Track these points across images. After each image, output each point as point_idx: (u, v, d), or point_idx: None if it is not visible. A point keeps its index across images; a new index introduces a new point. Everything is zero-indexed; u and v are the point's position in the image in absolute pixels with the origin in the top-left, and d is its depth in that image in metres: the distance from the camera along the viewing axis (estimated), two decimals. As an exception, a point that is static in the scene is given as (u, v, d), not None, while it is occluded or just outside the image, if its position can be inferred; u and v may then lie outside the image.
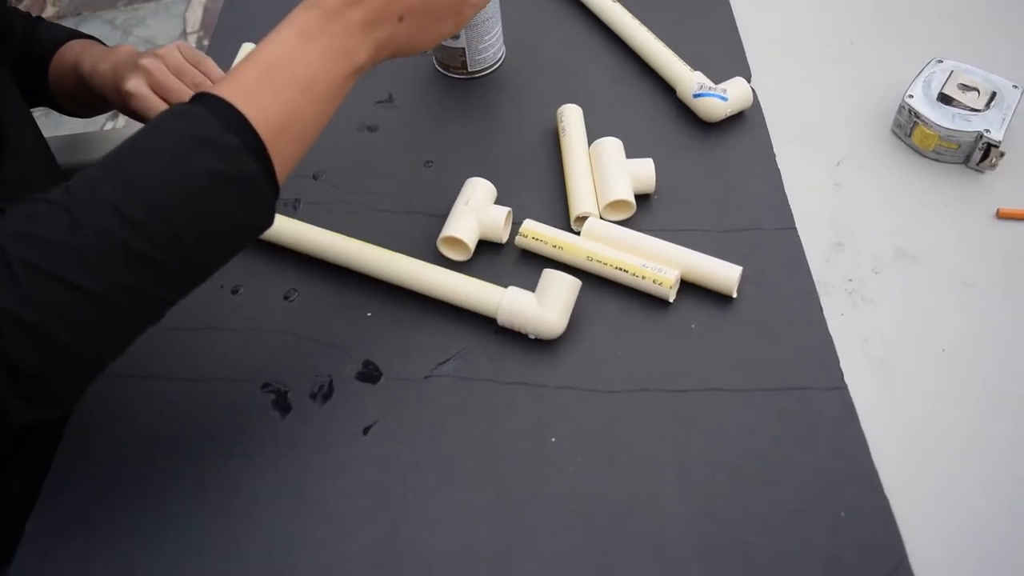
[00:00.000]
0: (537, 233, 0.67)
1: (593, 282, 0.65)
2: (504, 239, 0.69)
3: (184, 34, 2.16)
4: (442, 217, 0.70)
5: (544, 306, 0.61)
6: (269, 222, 0.50)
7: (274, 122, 0.49)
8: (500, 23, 0.82)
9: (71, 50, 0.79)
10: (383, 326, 0.65)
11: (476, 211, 0.68)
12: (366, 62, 0.54)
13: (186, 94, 0.71)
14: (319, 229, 0.69)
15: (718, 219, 0.69)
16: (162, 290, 0.47)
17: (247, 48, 0.86)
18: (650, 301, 0.64)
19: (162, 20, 2.21)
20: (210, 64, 0.75)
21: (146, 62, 0.70)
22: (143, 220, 0.44)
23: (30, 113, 0.76)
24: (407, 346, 0.64)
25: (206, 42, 1.54)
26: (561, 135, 0.75)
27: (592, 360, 0.62)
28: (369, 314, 0.66)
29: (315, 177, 0.76)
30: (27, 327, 0.42)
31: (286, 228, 0.69)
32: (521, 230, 0.67)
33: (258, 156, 0.48)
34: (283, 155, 0.50)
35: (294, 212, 0.73)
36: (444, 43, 0.81)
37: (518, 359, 0.62)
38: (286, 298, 0.68)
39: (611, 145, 0.71)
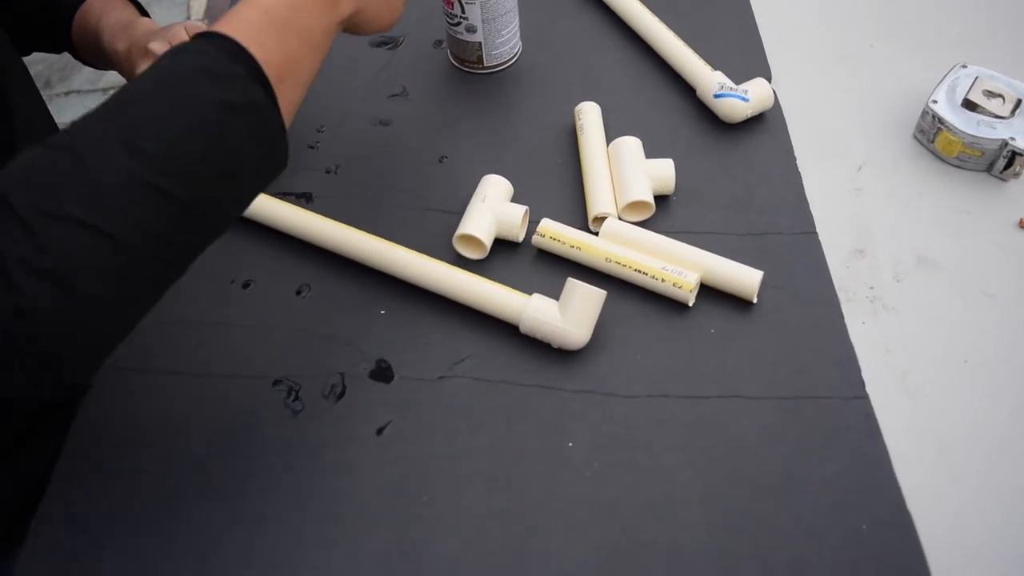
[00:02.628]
0: (555, 233, 0.66)
1: (611, 284, 0.64)
2: (520, 238, 0.68)
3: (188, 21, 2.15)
4: (456, 214, 0.69)
5: (568, 320, 0.60)
6: (283, 161, 0.49)
7: (277, 62, 0.47)
8: (518, 17, 0.80)
9: (92, 11, 0.77)
10: (397, 324, 0.64)
11: (492, 209, 0.67)
12: (345, 20, 0.55)
13: None
14: (335, 223, 0.68)
15: (737, 222, 0.68)
16: (181, 231, 0.44)
17: None
18: (668, 304, 0.63)
19: (166, 8, 2.19)
20: None
21: (154, 46, 0.69)
22: (156, 152, 0.42)
23: (42, 99, 0.75)
24: (422, 345, 0.63)
25: (212, 30, 1.51)
26: (579, 133, 0.74)
27: (611, 364, 0.61)
28: (383, 312, 0.65)
29: (328, 171, 0.75)
30: (45, 275, 0.39)
31: (300, 220, 0.68)
32: (539, 229, 0.66)
33: (264, 86, 0.46)
34: (286, 97, 0.48)
35: (307, 206, 0.72)
36: (460, 37, 0.80)
37: (535, 361, 0.61)
38: (298, 293, 0.67)
39: (630, 145, 0.70)
